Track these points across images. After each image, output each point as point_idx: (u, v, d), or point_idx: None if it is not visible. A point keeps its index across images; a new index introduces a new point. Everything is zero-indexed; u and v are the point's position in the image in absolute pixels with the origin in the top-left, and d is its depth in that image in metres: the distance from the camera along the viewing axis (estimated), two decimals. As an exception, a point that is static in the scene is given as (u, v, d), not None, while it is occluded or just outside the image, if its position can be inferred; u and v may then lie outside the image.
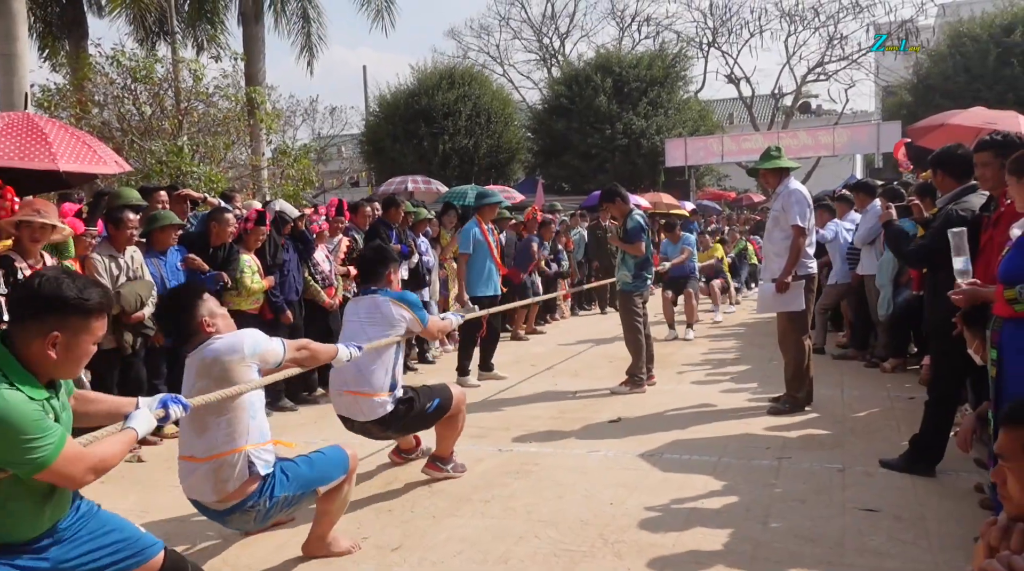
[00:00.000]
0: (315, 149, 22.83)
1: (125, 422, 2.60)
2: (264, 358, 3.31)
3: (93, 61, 13.01)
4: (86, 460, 2.33)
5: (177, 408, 2.78)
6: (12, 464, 2.21)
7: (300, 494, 3.40)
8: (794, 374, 6.12)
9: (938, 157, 4.66)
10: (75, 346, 2.35)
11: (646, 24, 32.84)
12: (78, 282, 2.37)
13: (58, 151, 5.13)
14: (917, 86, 21.74)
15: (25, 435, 2.18)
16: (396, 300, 4.47)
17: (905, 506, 4.08)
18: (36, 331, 2.29)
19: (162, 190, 7.03)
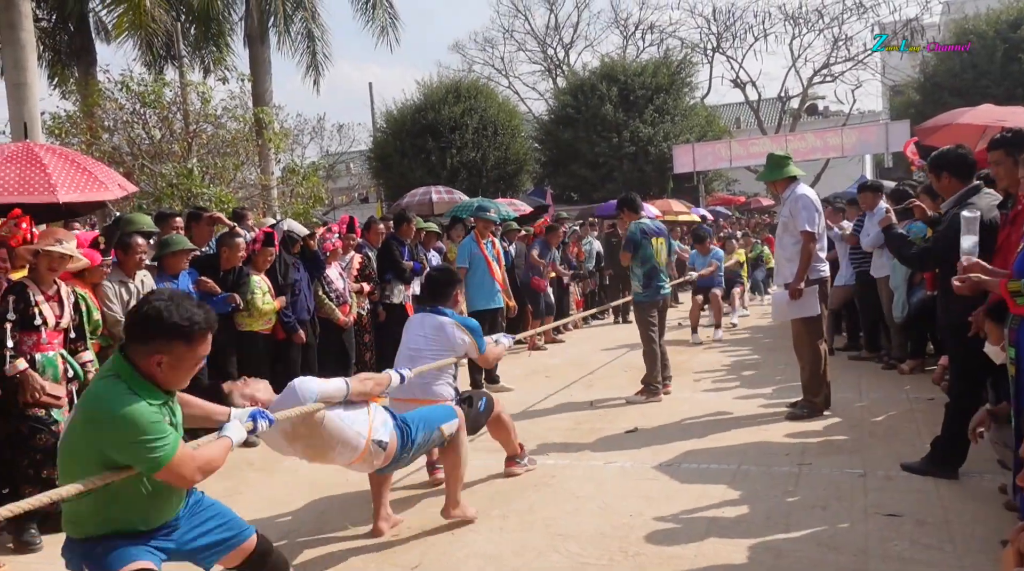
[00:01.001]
0: (324, 166, 23.02)
1: (220, 432, 2.88)
2: (326, 399, 3.56)
3: (102, 87, 13.17)
4: (196, 461, 2.62)
5: (264, 422, 3.07)
6: (136, 462, 2.51)
7: (428, 431, 3.99)
8: (811, 379, 6.07)
9: (939, 160, 4.51)
10: (179, 365, 2.61)
11: (650, 32, 32.96)
12: (181, 308, 2.58)
13: (57, 182, 5.12)
14: (924, 84, 21.65)
15: (145, 436, 2.48)
16: (460, 325, 4.74)
17: (928, 510, 4.03)
18: (144, 352, 2.57)
19: (178, 216, 7.06)
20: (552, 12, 35.69)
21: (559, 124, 24.66)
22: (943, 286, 4.45)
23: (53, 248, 4.38)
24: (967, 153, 4.48)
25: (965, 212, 3.70)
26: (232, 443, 2.83)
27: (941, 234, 4.46)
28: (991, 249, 3.92)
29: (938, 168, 4.51)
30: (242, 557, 2.94)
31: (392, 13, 19.24)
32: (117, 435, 2.48)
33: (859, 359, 8.15)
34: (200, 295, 6.14)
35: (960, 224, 3.68)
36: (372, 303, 8.01)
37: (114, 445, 2.49)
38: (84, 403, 2.60)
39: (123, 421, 2.47)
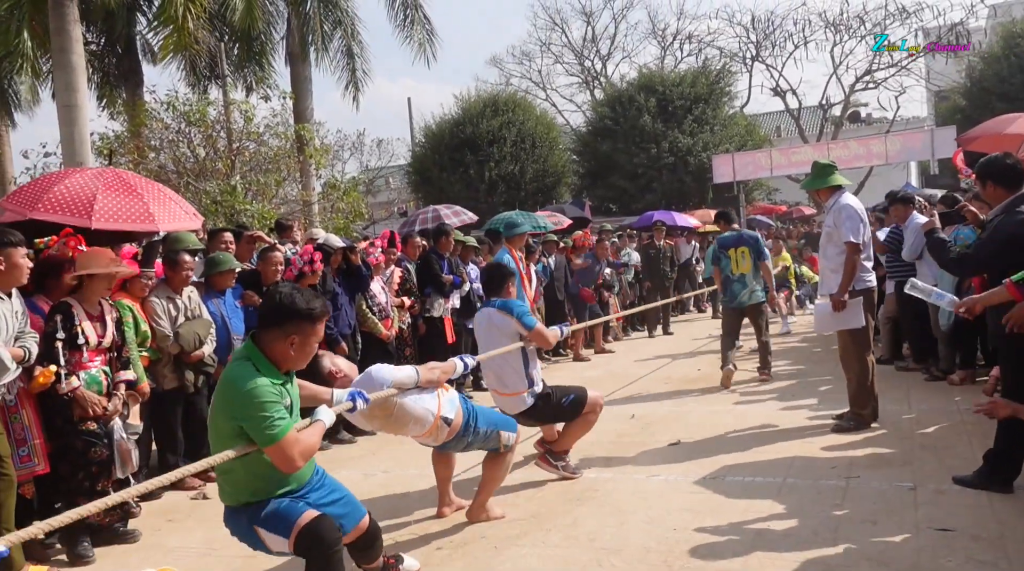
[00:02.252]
0: (363, 181, 23.24)
1: (313, 416, 3.24)
2: (399, 385, 3.94)
3: (149, 107, 13.47)
4: (300, 444, 2.99)
5: (361, 402, 3.56)
6: (252, 432, 2.92)
7: (488, 429, 4.34)
8: (858, 391, 5.96)
9: (986, 168, 4.42)
10: (306, 344, 3.09)
11: (688, 42, 32.74)
12: (305, 296, 3.11)
13: (156, 211, 5.27)
14: (971, 89, 21.24)
15: (264, 411, 2.90)
16: (499, 308, 5.03)
17: (982, 525, 3.92)
18: (278, 334, 3.05)
19: (228, 232, 7.19)
20: (589, 24, 35.74)
21: (597, 136, 24.64)
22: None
23: (97, 271, 4.49)
24: (1016, 162, 4.40)
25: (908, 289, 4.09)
26: (325, 426, 3.23)
27: (985, 241, 4.38)
28: None
29: (984, 176, 4.43)
30: (357, 535, 3.38)
31: (430, 29, 19.40)
32: (244, 409, 2.92)
33: (906, 369, 7.98)
34: (246, 309, 6.25)
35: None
36: (412, 317, 8.06)
37: (242, 418, 2.92)
38: (220, 383, 3.06)
39: (249, 396, 2.91)
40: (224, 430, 3.00)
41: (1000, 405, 3.71)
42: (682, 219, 16.64)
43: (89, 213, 4.84)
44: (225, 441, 2.98)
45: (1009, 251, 4.17)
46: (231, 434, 2.97)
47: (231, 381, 2.98)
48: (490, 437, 4.38)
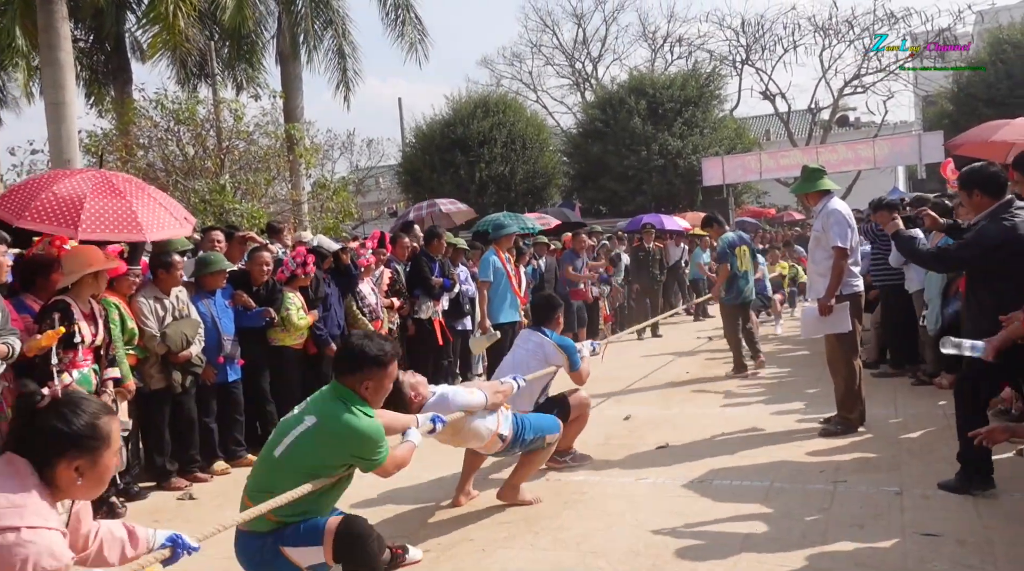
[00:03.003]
0: (353, 181, 23.18)
1: (405, 437, 3.68)
2: (470, 409, 4.33)
3: (137, 106, 13.39)
4: (395, 460, 3.44)
5: (440, 424, 3.95)
6: (362, 462, 3.30)
7: (535, 437, 4.70)
8: (845, 395, 5.99)
9: (972, 177, 4.48)
10: (381, 387, 3.40)
11: (678, 45, 32.79)
12: (375, 343, 3.37)
13: (143, 221, 5.19)
14: (958, 95, 21.38)
15: (379, 444, 3.30)
16: (557, 345, 5.38)
17: (969, 530, 3.95)
18: (354, 379, 3.33)
19: (218, 229, 7.16)
20: (580, 27, 35.83)
21: (588, 138, 24.67)
22: (977, 297, 4.43)
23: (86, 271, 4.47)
24: (999, 171, 4.47)
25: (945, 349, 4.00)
26: (415, 445, 3.66)
27: (971, 242, 4.43)
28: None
29: (971, 185, 4.48)
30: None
31: (421, 29, 19.38)
32: (361, 445, 3.25)
33: (883, 376, 8.00)
34: (236, 309, 6.23)
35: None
36: (402, 318, 8.05)
37: (355, 452, 3.25)
38: (329, 420, 3.23)
39: (367, 435, 3.25)
40: (323, 458, 3.21)
41: (998, 431, 3.76)
42: (671, 222, 16.68)
43: (76, 222, 4.80)
44: (315, 469, 3.18)
45: (994, 256, 4.25)
46: (335, 465, 3.24)
47: (346, 423, 3.22)
48: (535, 443, 4.73)
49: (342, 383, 3.34)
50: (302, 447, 3.20)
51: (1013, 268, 4.22)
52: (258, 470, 3.34)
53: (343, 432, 3.21)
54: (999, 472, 4.77)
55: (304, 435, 3.22)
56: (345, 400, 3.29)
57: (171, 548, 2.55)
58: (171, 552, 2.55)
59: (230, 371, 6.13)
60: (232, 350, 6.13)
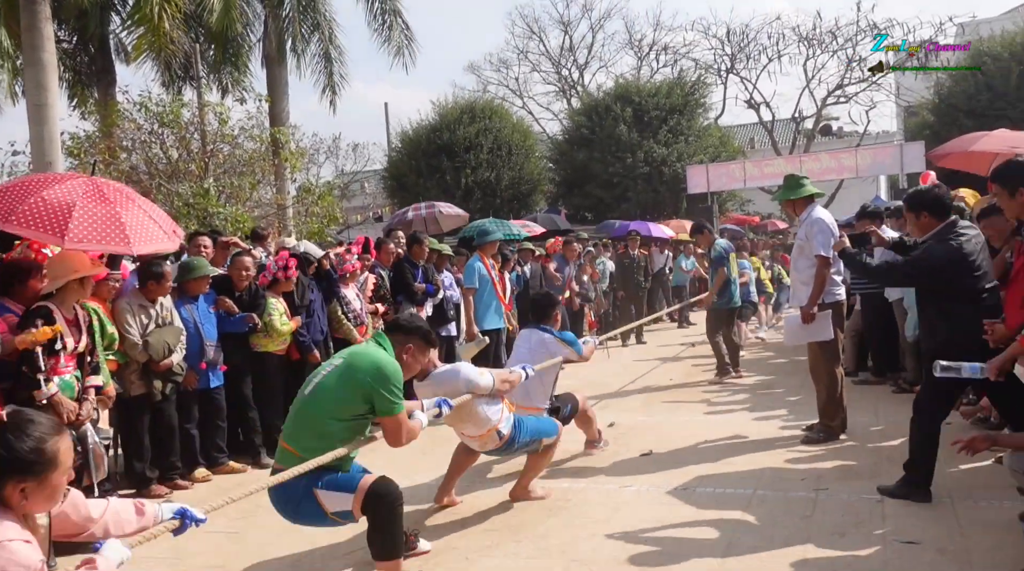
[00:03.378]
0: (339, 186, 23.08)
1: (412, 417, 3.78)
2: (477, 391, 4.49)
3: (121, 108, 13.30)
4: (406, 424, 3.62)
5: (446, 408, 4.14)
6: (385, 403, 3.50)
7: (531, 439, 4.79)
8: (827, 402, 6.03)
9: (919, 200, 4.70)
10: (418, 359, 3.85)
11: (664, 53, 33.01)
12: (424, 323, 3.92)
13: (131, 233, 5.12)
14: (939, 106, 21.58)
15: (398, 387, 3.52)
16: (559, 339, 5.53)
17: (947, 538, 3.98)
18: (403, 340, 3.79)
19: (205, 235, 7.10)
20: (567, 34, 35.94)
21: (573, 144, 24.73)
22: (927, 314, 4.59)
23: (70, 277, 4.42)
24: (944, 194, 4.76)
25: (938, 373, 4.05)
26: (423, 425, 3.83)
27: (918, 260, 4.60)
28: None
29: (918, 207, 4.67)
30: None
31: (408, 34, 19.38)
32: (383, 381, 3.48)
33: (864, 383, 8.06)
34: (219, 315, 6.19)
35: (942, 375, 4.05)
36: (386, 324, 8.02)
37: (379, 386, 3.47)
38: (355, 359, 3.58)
39: (393, 374, 3.52)
40: (346, 397, 3.49)
41: (979, 439, 3.81)
42: (656, 229, 16.75)
43: (63, 230, 4.73)
44: (341, 407, 3.48)
45: (941, 275, 4.43)
46: (353, 400, 3.49)
47: (373, 356, 3.56)
48: (531, 446, 4.85)
49: (388, 336, 3.75)
50: (333, 382, 3.53)
51: (959, 287, 4.37)
52: (292, 412, 3.63)
53: (367, 364, 3.53)
54: (978, 480, 4.84)
55: (334, 372, 3.57)
56: (385, 348, 3.67)
57: (180, 520, 2.74)
58: (180, 523, 2.74)
59: (212, 377, 6.09)
60: (215, 356, 6.08)
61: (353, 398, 3.50)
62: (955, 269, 4.37)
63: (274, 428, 6.51)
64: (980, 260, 4.42)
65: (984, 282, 4.41)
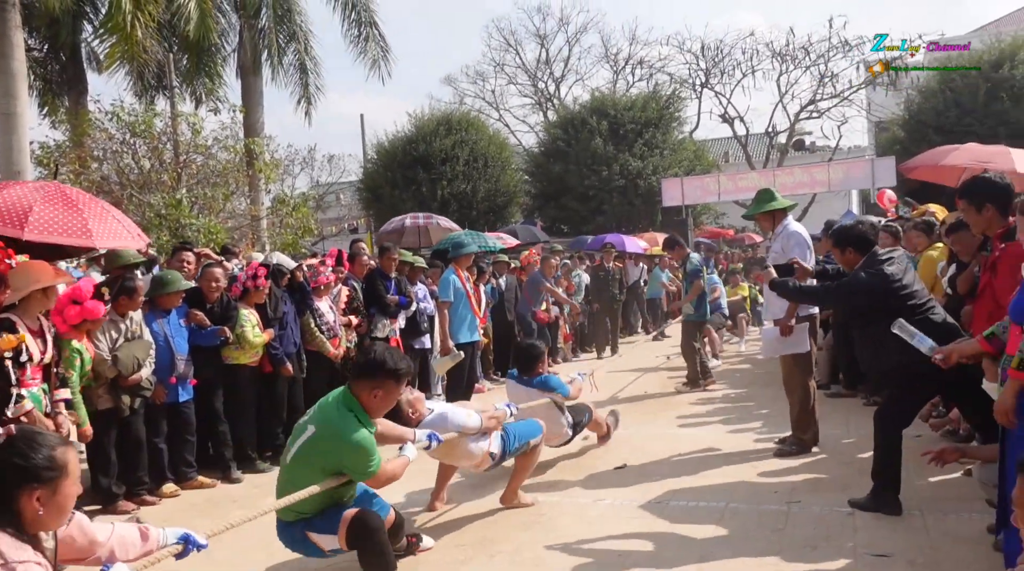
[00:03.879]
0: (313, 197, 22.97)
1: (401, 451, 3.96)
2: (466, 431, 4.66)
3: (92, 117, 13.15)
4: (387, 473, 3.71)
5: (435, 442, 4.25)
6: (356, 473, 3.65)
7: (520, 445, 5.03)
8: (800, 415, 6.06)
9: (845, 237, 4.94)
10: (388, 399, 3.75)
11: (639, 67, 33.21)
12: (395, 357, 3.74)
13: (94, 227, 5.09)
14: (909, 121, 21.90)
15: (369, 458, 3.62)
16: (541, 388, 5.78)
17: (918, 550, 4.01)
18: (368, 385, 3.68)
19: (188, 250, 7.01)
20: (543, 47, 36.09)
21: (549, 157, 24.79)
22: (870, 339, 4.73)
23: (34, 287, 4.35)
24: (867, 230, 5.04)
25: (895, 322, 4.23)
26: (409, 460, 3.92)
27: (845, 284, 4.85)
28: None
29: (843, 243, 4.93)
30: (388, 525, 3.89)
31: (384, 46, 19.38)
32: (352, 456, 3.58)
33: (836, 396, 8.13)
34: (190, 328, 6.11)
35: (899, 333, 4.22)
36: (360, 336, 7.97)
37: (346, 462, 3.61)
38: (325, 429, 3.63)
39: (358, 447, 3.58)
40: (320, 466, 3.60)
41: (949, 451, 3.86)
42: (631, 243, 16.82)
43: (23, 224, 4.67)
44: (316, 474, 3.57)
45: (866, 301, 4.68)
46: (328, 470, 3.60)
47: (340, 432, 3.60)
48: (521, 449, 5.06)
49: (353, 389, 3.72)
50: (305, 454, 3.65)
51: (889, 309, 4.51)
52: (281, 470, 3.81)
53: (336, 444, 3.59)
54: (948, 492, 4.88)
55: (306, 443, 3.65)
56: (350, 408, 3.67)
57: (183, 545, 2.86)
58: (183, 548, 2.86)
59: (182, 391, 6.00)
60: (185, 370, 6.00)
61: (330, 469, 3.63)
62: (882, 293, 4.59)
63: (245, 442, 6.44)
64: (906, 281, 4.63)
65: (915, 300, 4.58)
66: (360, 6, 18.99)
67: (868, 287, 4.65)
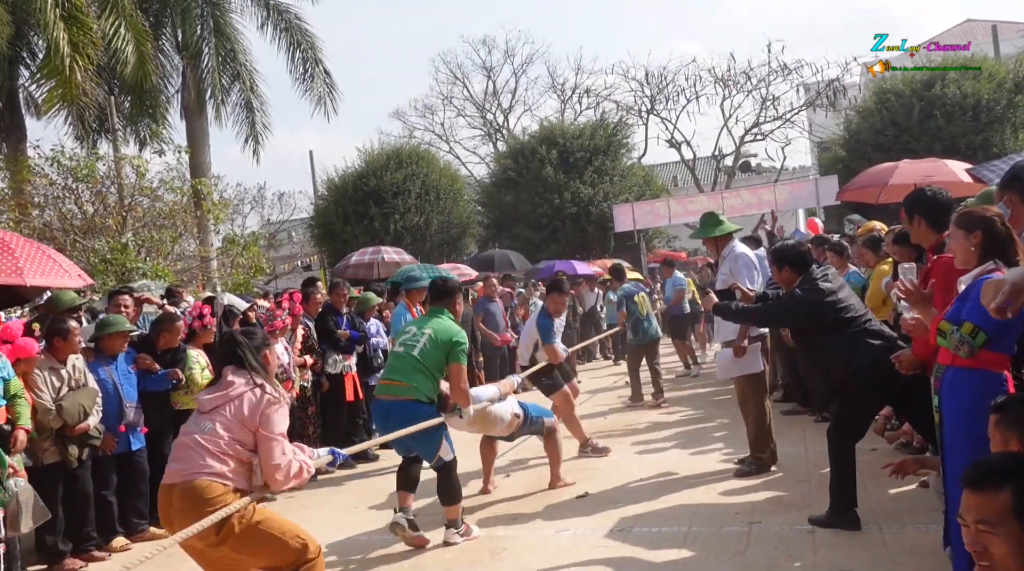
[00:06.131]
0: (265, 236, 22.74)
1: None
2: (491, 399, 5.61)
3: (32, 163, 12.87)
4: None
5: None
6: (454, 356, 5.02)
7: (536, 418, 5.99)
8: (757, 435, 6.11)
9: (783, 256, 5.10)
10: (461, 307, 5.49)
11: (586, 96, 33.63)
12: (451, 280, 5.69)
13: (25, 265, 4.98)
14: (849, 141, 22.50)
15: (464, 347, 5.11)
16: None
17: (878, 565, 4.04)
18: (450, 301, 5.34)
19: (126, 294, 6.88)
20: (490, 79, 36.38)
21: (501, 187, 24.91)
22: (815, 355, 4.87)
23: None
24: (806, 251, 5.26)
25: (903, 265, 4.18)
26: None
27: (783, 303, 5.06)
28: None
29: (781, 262, 5.09)
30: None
31: (330, 83, 19.40)
32: (460, 343, 4.97)
33: (792, 413, 8.20)
34: (139, 373, 5.95)
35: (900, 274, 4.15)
36: (315, 374, 7.85)
37: (456, 347, 4.95)
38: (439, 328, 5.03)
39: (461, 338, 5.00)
40: (436, 360, 4.96)
41: (908, 463, 3.90)
42: (582, 267, 16.93)
43: None
44: (436, 364, 4.97)
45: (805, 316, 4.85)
46: (440, 360, 4.97)
47: (452, 327, 5.07)
48: (536, 423, 5.94)
49: (439, 305, 5.21)
50: (422, 352, 4.94)
51: (826, 322, 4.70)
52: (399, 363, 5.04)
53: (450, 332, 5.00)
54: (905, 505, 4.94)
55: (429, 340, 4.95)
56: (444, 314, 5.15)
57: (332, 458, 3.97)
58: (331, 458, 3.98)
59: (133, 439, 5.83)
60: (135, 417, 5.83)
61: (442, 362, 5.04)
62: (818, 308, 4.74)
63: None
64: (841, 295, 4.79)
65: (851, 313, 4.73)
66: (305, 44, 19.02)
67: (804, 303, 4.81)
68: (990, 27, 25.34)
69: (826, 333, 4.70)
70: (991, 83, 19.87)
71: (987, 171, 7.12)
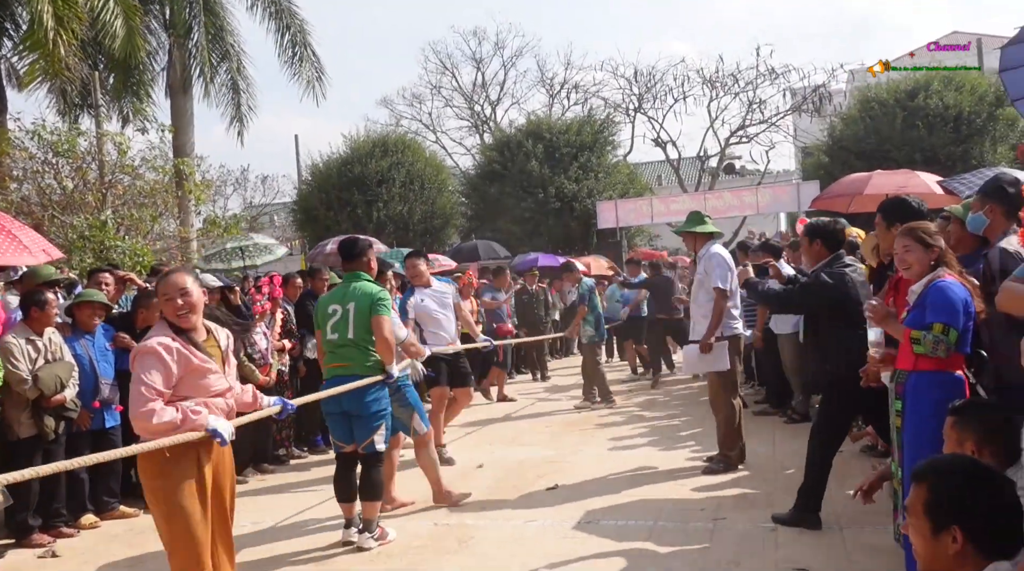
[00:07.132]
0: (246, 218, 22.63)
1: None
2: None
3: (12, 136, 12.72)
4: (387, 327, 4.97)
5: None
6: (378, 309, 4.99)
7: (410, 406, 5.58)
8: (726, 433, 6.20)
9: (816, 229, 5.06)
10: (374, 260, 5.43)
11: (574, 91, 33.66)
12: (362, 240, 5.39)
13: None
14: (832, 147, 22.70)
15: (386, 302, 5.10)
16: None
17: (836, 563, 4.14)
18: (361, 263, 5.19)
19: (107, 272, 6.84)
20: (479, 70, 36.31)
21: (485, 179, 24.91)
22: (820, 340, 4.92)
23: None
24: (840, 228, 5.14)
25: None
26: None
27: (809, 284, 4.98)
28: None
29: (813, 234, 5.05)
30: None
31: (319, 67, 19.30)
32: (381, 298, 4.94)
33: (763, 414, 8.33)
34: (118, 352, 5.95)
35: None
36: (293, 359, 7.86)
37: (378, 303, 4.90)
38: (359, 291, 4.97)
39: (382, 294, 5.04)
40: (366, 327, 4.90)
41: (872, 482, 4.02)
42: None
43: None
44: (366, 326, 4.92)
45: (828, 299, 4.79)
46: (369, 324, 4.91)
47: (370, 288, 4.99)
48: (406, 408, 5.54)
49: (353, 268, 5.08)
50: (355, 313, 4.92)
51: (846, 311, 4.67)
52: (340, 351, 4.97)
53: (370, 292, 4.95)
54: (864, 506, 5.03)
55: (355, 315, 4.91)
56: (360, 277, 5.04)
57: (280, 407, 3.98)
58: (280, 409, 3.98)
59: (108, 417, 5.84)
60: (110, 395, 5.84)
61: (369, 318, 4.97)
62: (841, 293, 4.71)
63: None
64: (863, 292, 4.74)
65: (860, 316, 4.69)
66: (295, 27, 18.91)
67: (830, 288, 4.75)
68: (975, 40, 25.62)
69: (840, 324, 4.66)
70: (973, 96, 20.11)
71: (958, 183, 7.23)
